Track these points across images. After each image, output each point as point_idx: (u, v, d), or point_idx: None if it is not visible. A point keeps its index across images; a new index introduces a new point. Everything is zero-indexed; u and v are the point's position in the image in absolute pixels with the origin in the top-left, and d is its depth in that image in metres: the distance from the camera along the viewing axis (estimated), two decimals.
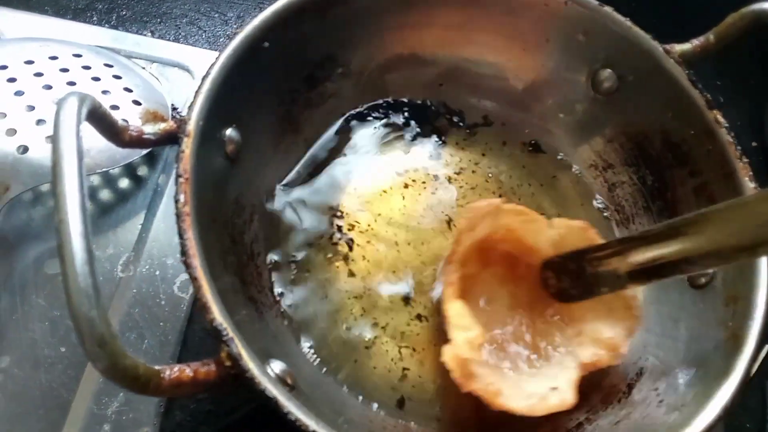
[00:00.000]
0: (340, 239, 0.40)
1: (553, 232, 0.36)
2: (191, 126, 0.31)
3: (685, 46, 0.38)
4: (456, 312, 0.33)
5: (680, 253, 0.29)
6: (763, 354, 0.40)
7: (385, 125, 0.44)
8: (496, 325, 0.36)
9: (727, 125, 0.36)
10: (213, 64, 0.33)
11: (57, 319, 0.39)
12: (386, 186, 0.42)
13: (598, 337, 0.35)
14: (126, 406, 0.37)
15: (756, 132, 0.55)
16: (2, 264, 0.40)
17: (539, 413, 0.32)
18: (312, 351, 0.36)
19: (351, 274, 0.39)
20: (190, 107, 0.32)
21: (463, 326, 0.33)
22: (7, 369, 0.38)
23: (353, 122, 0.44)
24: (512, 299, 0.37)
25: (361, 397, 0.35)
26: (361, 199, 0.41)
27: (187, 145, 0.31)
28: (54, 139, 0.25)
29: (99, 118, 0.29)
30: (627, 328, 0.35)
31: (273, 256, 0.39)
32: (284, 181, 0.41)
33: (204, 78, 0.33)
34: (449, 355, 0.32)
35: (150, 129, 0.32)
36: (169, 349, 0.39)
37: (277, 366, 0.31)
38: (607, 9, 0.39)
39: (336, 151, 0.43)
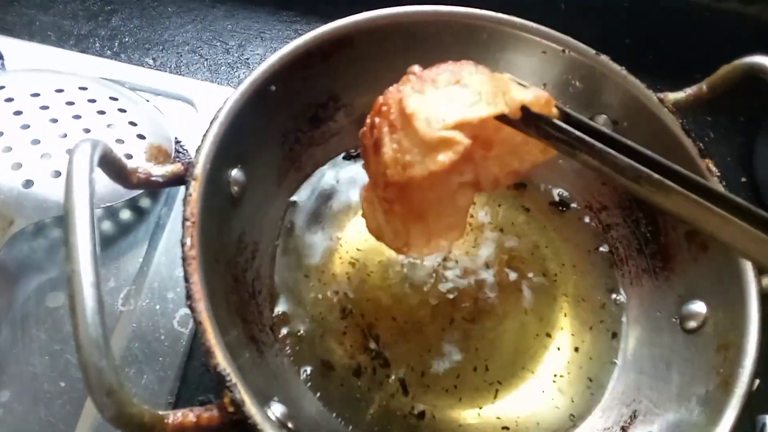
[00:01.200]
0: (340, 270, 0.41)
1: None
2: (199, 169, 0.32)
3: (679, 95, 0.40)
4: None
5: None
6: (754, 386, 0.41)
7: None
8: None
9: (718, 174, 0.37)
10: (221, 108, 0.34)
11: (57, 353, 0.40)
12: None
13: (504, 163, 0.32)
14: None
15: (746, 167, 0.56)
16: (4, 296, 0.41)
17: None
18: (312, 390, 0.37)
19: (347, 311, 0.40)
20: (198, 150, 0.33)
21: None
22: (6, 403, 0.38)
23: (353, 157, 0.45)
24: None
25: None
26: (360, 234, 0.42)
27: (195, 188, 0.31)
28: (66, 188, 0.26)
29: (110, 163, 0.29)
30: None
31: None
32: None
33: (212, 121, 0.33)
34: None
35: (157, 171, 0.32)
36: (168, 385, 0.40)
37: (277, 409, 0.32)
38: (604, 57, 0.40)
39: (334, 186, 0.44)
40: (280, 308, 0.39)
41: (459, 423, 0.38)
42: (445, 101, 0.29)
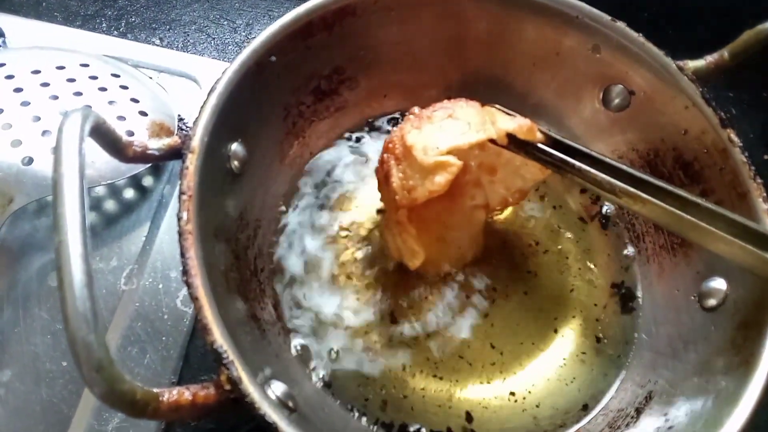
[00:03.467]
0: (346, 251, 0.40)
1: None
2: (196, 142, 0.31)
3: (699, 63, 0.38)
4: None
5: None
6: None
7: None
8: None
9: (741, 144, 0.36)
10: (219, 79, 0.33)
11: (59, 332, 0.39)
12: None
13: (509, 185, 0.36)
14: (126, 422, 0.37)
15: None
16: (6, 275, 0.40)
17: None
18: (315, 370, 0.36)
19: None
20: (195, 122, 0.32)
21: None
22: (8, 383, 0.37)
23: (358, 135, 0.43)
24: None
25: (364, 419, 0.35)
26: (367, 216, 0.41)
27: (191, 161, 0.30)
28: (55, 158, 0.25)
29: (103, 134, 0.28)
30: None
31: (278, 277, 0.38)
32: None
33: (210, 92, 0.32)
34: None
35: (154, 145, 0.31)
36: (170, 364, 0.39)
37: (278, 388, 0.31)
38: (620, 24, 0.38)
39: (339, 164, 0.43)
40: (282, 286, 0.38)
41: (471, 403, 0.36)
42: (439, 132, 0.34)
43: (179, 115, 0.46)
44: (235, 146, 0.35)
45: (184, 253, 0.29)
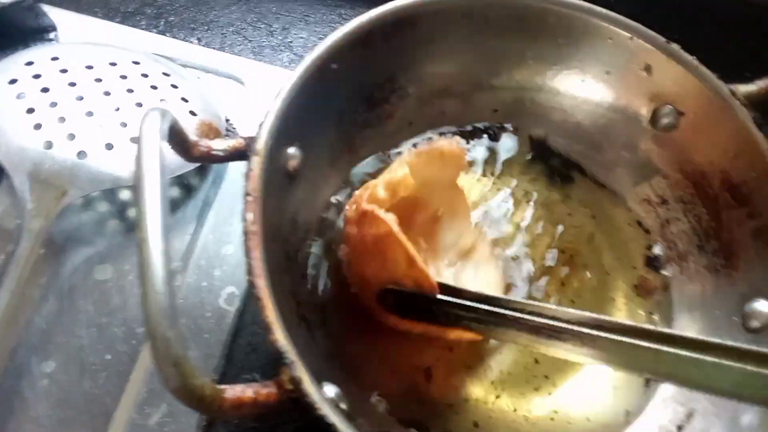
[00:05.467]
0: None
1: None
2: (260, 145, 0.31)
3: (750, 88, 0.38)
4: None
5: None
6: None
7: None
8: None
9: None
10: (284, 84, 0.33)
11: (104, 325, 0.39)
12: None
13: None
14: (169, 418, 0.37)
15: None
16: (52, 267, 0.40)
17: None
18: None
19: None
20: (260, 126, 0.32)
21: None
22: (52, 374, 0.38)
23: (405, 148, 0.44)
24: None
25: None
26: None
27: (257, 164, 0.31)
28: (137, 155, 0.25)
29: (175, 134, 0.29)
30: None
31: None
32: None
33: (276, 98, 0.33)
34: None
35: (218, 146, 0.32)
36: (212, 362, 0.39)
37: (330, 390, 0.31)
38: (674, 46, 0.39)
39: None
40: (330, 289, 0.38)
41: (510, 415, 0.37)
42: None
43: (226, 117, 0.46)
44: (292, 150, 0.35)
45: (249, 254, 0.29)
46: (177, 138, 0.30)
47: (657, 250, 0.42)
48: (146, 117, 0.26)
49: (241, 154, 0.32)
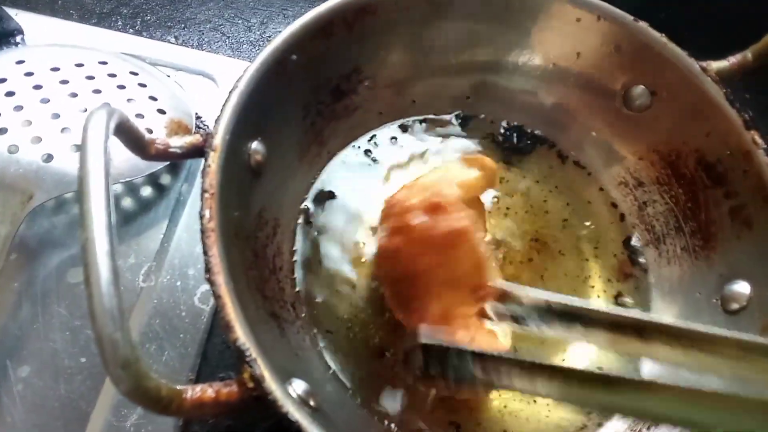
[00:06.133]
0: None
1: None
2: (218, 140, 0.31)
3: (722, 64, 0.37)
4: None
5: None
6: None
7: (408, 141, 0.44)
8: None
9: (765, 146, 0.35)
10: (241, 77, 0.33)
11: (78, 329, 0.39)
12: None
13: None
14: (144, 419, 0.37)
15: None
16: (24, 272, 0.40)
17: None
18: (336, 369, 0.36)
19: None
20: (217, 120, 0.31)
21: None
22: (27, 378, 0.37)
23: (379, 136, 0.43)
24: None
25: (386, 421, 0.35)
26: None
27: (214, 159, 0.30)
28: (81, 155, 0.25)
29: (126, 132, 0.28)
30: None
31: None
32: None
33: (231, 91, 0.32)
34: None
35: (176, 143, 0.31)
36: (188, 362, 0.39)
37: (299, 386, 0.31)
38: (642, 24, 0.38)
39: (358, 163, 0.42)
40: (301, 285, 0.38)
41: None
42: None
43: (197, 114, 0.46)
44: (255, 144, 0.35)
45: (207, 251, 0.29)
46: (129, 136, 0.29)
47: (634, 233, 0.41)
48: (91, 116, 0.26)
49: (199, 150, 0.32)
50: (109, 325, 0.22)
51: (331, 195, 0.41)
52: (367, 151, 0.43)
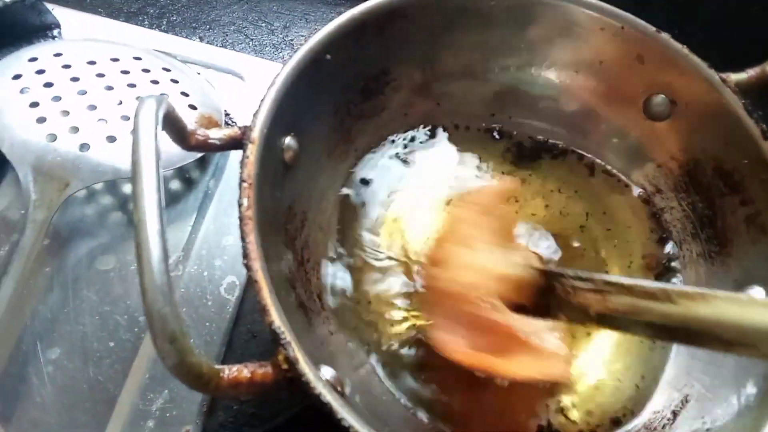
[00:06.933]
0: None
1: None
2: (256, 133, 0.32)
3: (741, 76, 0.39)
4: None
5: (661, 317, 0.29)
6: None
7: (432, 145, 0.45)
8: None
9: None
10: (278, 74, 0.34)
11: (107, 313, 0.40)
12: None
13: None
14: (170, 403, 0.38)
15: None
16: (56, 258, 0.41)
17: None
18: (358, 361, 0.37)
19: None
20: (255, 114, 0.33)
21: None
22: (57, 360, 0.38)
23: (404, 137, 0.45)
24: None
25: (412, 410, 0.35)
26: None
27: (252, 151, 0.31)
28: (133, 140, 0.26)
29: (172, 121, 0.30)
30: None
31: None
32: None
33: (269, 87, 0.33)
34: None
35: (215, 134, 0.33)
36: (213, 350, 0.40)
37: (327, 372, 0.32)
38: (665, 35, 0.39)
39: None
40: (327, 278, 0.39)
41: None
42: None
43: (225, 110, 0.47)
44: (289, 140, 0.36)
45: (245, 238, 0.30)
46: (174, 126, 0.30)
47: (652, 238, 0.42)
48: (142, 103, 0.27)
49: (237, 143, 0.33)
50: (159, 300, 0.24)
51: (359, 190, 0.42)
52: (395, 153, 0.44)
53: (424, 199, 0.43)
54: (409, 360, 0.37)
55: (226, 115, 0.48)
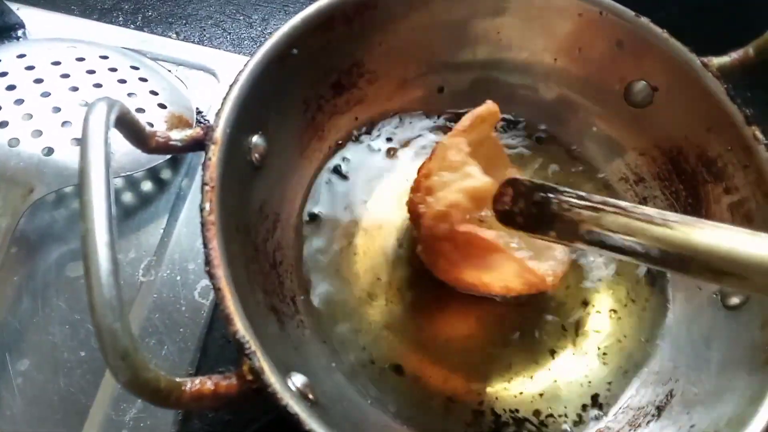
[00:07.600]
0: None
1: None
2: (218, 133, 0.31)
3: (723, 60, 0.37)
4: None
5: (654, 240, 0.28)
6: None
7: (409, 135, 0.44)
8: None
9: (766, 142, 0.35)
10: (241, 71, 0.33)
11: (77, 322, 0.39)
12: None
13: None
14: (144, 413, 0.37)
15: None
16: (24, 266, 0.40)
17: None
18: (334, 363, 0.36)
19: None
20: (217, 114, 0.31)
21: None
22: (26, 372, 0.37)
23: (380, 131, 0.43)
24: None
25: (384, 412, 0.35)
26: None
27: (214, 152, 0.30)
28: (82, 146, 0.25)
29: (127, 124, 0.28)
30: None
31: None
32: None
33: (232, 85, 0.32)
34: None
35: (177, 136, 0.31)
36: (188, 356, 0.39)
37: (298, 380, 0.31)
38: (644, 20, 0.38)
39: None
40: (301, 279, 0.38)
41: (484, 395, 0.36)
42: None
43: (197, 108, 0.46)
44: (256, 138, 0.35)
45: (207, 244, 0.29)
46: (131, 128, 0.29)
47: None
48: (91, 107, 0.26)
49: (200, 143, 0.31)
50: (108, 316, 0.23)
51: (331, 189, 0.41)
52: (368, 147, 0.43)
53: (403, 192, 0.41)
54: (385, 364, 0.36)
55: (199, 113, 0.46)
